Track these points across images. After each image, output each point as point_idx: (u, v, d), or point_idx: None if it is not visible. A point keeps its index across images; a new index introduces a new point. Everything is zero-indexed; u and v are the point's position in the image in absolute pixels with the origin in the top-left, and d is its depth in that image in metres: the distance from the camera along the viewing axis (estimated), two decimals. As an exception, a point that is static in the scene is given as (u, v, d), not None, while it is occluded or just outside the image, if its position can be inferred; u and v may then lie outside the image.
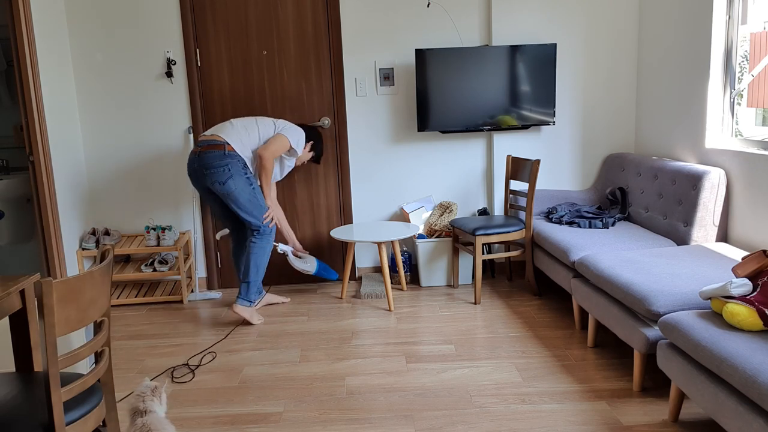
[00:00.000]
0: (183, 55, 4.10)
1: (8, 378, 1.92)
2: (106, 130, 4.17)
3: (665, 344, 2.38)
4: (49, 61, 3.75)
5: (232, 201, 3.47)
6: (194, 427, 2.52)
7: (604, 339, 3.21)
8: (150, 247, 3.96)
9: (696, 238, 3.27)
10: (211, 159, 3.42)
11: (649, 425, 2.39)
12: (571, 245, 3.33)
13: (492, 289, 4.10)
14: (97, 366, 1.79)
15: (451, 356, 3.08)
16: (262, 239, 3.57)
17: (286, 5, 4.09)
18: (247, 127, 3.57)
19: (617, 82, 4.27)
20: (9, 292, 2.00)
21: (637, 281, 2.65)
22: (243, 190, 3.47)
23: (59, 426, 1.63)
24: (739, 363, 1.93)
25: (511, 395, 2.66)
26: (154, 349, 3.35)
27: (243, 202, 3.48)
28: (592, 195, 4.25)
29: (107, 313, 1.86)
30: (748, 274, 2.28)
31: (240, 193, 3.46)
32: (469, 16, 4.17)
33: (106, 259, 1.82)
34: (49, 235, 3.66)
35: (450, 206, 4.24)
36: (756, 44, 3.25)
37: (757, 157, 3.08)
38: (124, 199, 4.25)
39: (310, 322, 3.64)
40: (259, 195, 3.53)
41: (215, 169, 3.41)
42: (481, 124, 4.14)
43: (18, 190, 4.43)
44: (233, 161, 3.43)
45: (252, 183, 3.51)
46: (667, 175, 3.53)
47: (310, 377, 2.93)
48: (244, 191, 3.47)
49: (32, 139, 3.56)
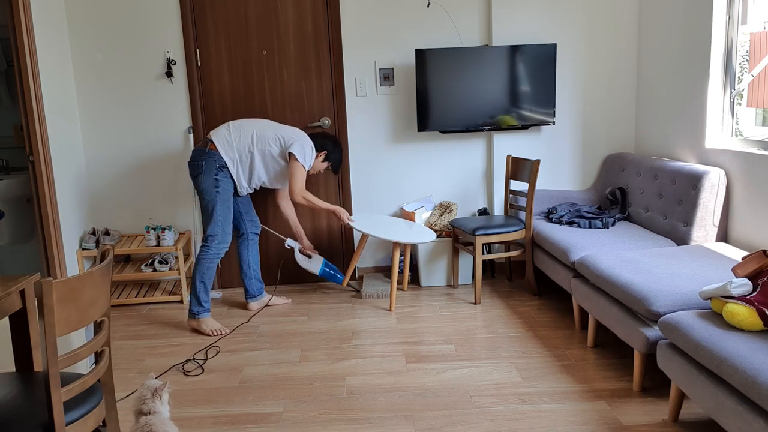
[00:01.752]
0: (183, 55, 4.10)
1: (8, 378, 1.92)
2: (106, 130, 4.17)
3: (665, 344, 2.38)
4: (49, 61, 3.75)
5: (199, 198, 3.54)
6: (194, 427, 2.52)
7: (604, 339, 3.21)
8: (150, 247, 3.96)
9: (696, 238, 3.27)
10: (193, 154, 3.51)
11: (649, 425, 2.39)
12: (571, 245, 3.33)
13: (492, 289, 4.10)
14: (97, 366, 1.79)
15: (451, 356, 3.08)
16: (207, 251, 3.48)
17: (286, 5, 4.09)
18: (242, 128, 3.54)
19: (617, 82, 4.27)
20: (9, 292, 2.00)
21: (637, 281, 2.65)
22: (206, 191, 3.45)
23: (59, 426, 1.63)
24: (739, 363, 1.93)
25: (511, 395, 2.66)
26: (154, 349, 3.35)
27: (204, 203, 3.48)
28: (592, 195, 4.25)
29: (107, 313, 1.86)
30: (748, 274, 2.28)
31: (204, 192, 3.46)
32: (469, 16, 4.17)
33: (106, 259, 1.82)
34: (49, 235, 3.66)
35: (450, 206, 4.24)
36: (756, 44, 3.25)
37: (757, 157, 3.08)
38: (124, 199, 4.25)
39: (310, 322, 3.64)
40: (220, 204, 3.45)
41: (192, 163, 3.50)
42: (481, 124, 4.14)
43: (18, 190, 4.43)
44: (209, 159, 3.44)
45: (218, 186, 3.44)
46: (667, 175, 3.53)
47: (310, 377, 2.93)
48: (207, 192, 3.45)
49: (32, 139, 3.56)
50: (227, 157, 3.47)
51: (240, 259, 3.85)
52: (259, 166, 3.52)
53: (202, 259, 3.48)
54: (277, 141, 3.53)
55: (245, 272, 3.85)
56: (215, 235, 3.47)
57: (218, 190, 3.45)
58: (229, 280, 4.38)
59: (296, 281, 4.41)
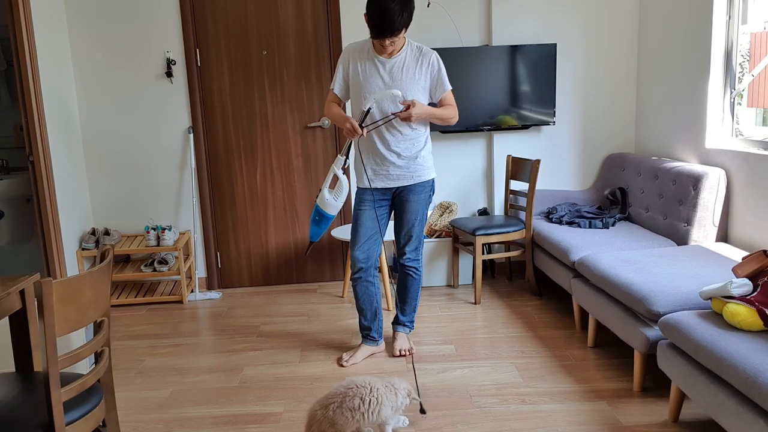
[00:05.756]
0: (183, 55, 4.10)
1: (8, 378, 1.92)
2: (106, 130, 4.17)
3: (665, 344, 2.38)
4: (49, 61, 3.75)
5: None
6: (194, 427, 2.52)
7: (604, 339, 3.21)
8: (150, 247, 3.96)
9: (696, 238, 3.27)
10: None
11: (649, 425, 2.39)
12: (571, 245, 3.33)
13: (492, 289, 4.10)
14: (97, 366, 1.79)
15: (451, 356, 3.08)
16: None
17: (286, 5, 4.09)
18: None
19: (617, 82, 4.27)
20: (9, 292, 2.00)
21: (638, 281, 2.65)
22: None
23: (59, 426, 1.63)
24: (740, 363, 1.92)
25: (512, 395, 2.66)
26: (154, 349, 3.35)
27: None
28: (592, 195, 4.25)
29: (107, 313, 1.86)
30: (748, 274, 2.28)
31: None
32: (469, 16, 4.17)
33: (106, 259, 1.82)
34: (49, 235, 3.66)
35: (450, 206, 4.24)
36: (756, 44, 3.25)
37: (757, 157, 3.08)
38: (124, 199, 4.25)
39: (310, 322, 3.64)
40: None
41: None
42: (481, 124, 4.14)
43: (18, 190, 4.43)
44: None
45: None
46: (667, 175, 3.52)
47: (310, 377, 2.92)
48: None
49: (32, 139, 3.55)
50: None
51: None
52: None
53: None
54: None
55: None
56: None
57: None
58: (229, 280, 4.38)
59: (296, 281, 4.41)
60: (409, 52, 2.84)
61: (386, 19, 2.62)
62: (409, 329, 3.21)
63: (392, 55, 2.82)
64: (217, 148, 4.22)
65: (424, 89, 2.86)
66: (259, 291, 4.28)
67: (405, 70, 2.82)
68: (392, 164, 2.89)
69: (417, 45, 2.88)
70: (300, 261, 4.38)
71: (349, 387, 2.25)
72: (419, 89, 2.83)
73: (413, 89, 2.82)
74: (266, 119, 4.20)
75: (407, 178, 2.92)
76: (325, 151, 4.25)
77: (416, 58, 2.84)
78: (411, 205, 2.96)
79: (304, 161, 4.26)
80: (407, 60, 2.83)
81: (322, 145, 4.25)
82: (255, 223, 4.31)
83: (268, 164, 4.24)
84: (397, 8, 2.61)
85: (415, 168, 2.92)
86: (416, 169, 2.92)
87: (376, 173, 2.92)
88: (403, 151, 2.88)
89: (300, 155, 4.25)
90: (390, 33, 2.66)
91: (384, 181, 2.92)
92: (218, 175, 4.25)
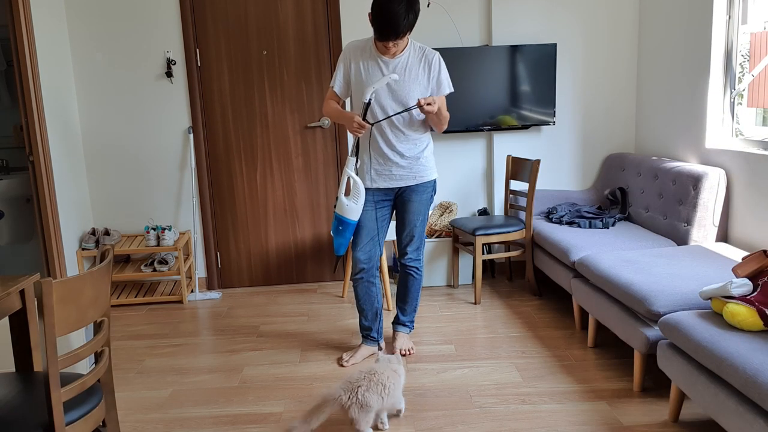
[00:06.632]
0: (183, 55, 4.10)
1: (8, 378, 1.92)
2: (106, 130, 4.17)
3: (665, 344, 2.38)
4: (49, 61, 3.75)
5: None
6: (194, 427, 2.52)
7: (604, 339, 3.21)
8: (150, 247, 3.96)
9: (696, 238, 3.27)
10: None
11: (649, 425, 2.39)
12: (571, 245, 3.33)
13: (492, 289, 4.10)
14: (97, 366, 1.79)
15: (451, 356, 3.08)
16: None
17: (286, 5, 4.09)
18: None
19: (617, 83, 4.27)
20: (9, 292, 2.00)
21: (638, 281, 2.65)
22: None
23: (59, 426, 1.63)
24: (740, 363, 1.92)
25: (512, 395, 2.66)
26: (154, 349, 3.35)
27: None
28: (592, 195, 4.25)
29: (107, 313, 1.86)
30: (748, 274, 2.28)
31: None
32: (469, 16, 4.17)
33: (106, 259, 1.82)
34: (49, 235, 3.66)
35: (450, 206, 4.24)
36: (756, 44, 3.25)
37: (757, 157, 3.08)
38: (124, 199, 4.25)
39: (310, 322, 3.64)
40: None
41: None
42: (481, 124, 4.14)
43: (18, 190, 4.43)
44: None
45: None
46: (667, 175, 3.52)
47: (310, 377, 2.92)
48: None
49: (32, 139, 3.55)
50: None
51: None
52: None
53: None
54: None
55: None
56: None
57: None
58: (229, 280, 4.38)
59: (296, 281, 4.41)
60: (412, 53, 2.84)
61: (391, 21, 2.59)
62: (410, 329, 3.21)
63: (395, 55, 2.81)
64: (217, 148, 4.22)
65: (425, 90, 2.86)
66: (259, 291, 4.28)
67: (408, 70, 2.82)
68: (395, 164, 2.89)
69: (420, 45, 2.88)
70: (300, 261, 4.38)
71: (368, 373, 2.39)
72: (421, 90, 2.84)
73: (415, 89, 2.82)
74: (266, 119, 4.20)
75: (410, 178, 2.92)
76: (325, 151, 4.25)
77: (419, 59, 2.84)
78: (413, 205, 2.96)
79: (304, 161, 4.26)
80: (410, 60, 2.83)
81: (322, 145, 4.25)
82: (255, 223, 4.31)
83: (268, 164, 4.24)
84: (402, 11, 2.58)
85: (418, 168, 2.92)
86: (419, 169, 2.92)
87: (379, 173, 2.91)
88: (407, 151, 2.88)
89: (300, 155, 4.25)
90: (395, 36, 2.65)
91: (387, 181, 2.92)
92: (218, 175, 4.25)
